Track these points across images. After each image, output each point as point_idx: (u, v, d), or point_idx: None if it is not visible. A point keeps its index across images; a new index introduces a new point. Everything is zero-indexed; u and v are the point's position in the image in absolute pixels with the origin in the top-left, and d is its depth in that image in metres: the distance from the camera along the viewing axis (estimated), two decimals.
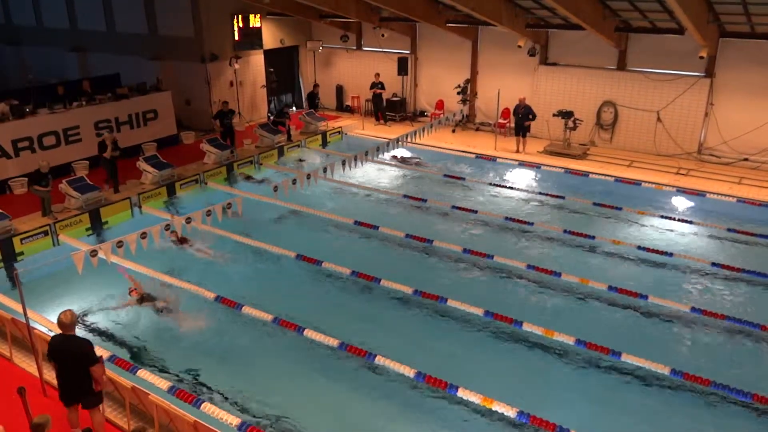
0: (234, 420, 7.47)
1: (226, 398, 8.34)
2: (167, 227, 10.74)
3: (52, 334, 9.03)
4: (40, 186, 13.07)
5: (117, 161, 14.70)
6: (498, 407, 7.74)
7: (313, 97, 21.41)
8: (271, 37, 21.99)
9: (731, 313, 10.26)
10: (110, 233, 13.26)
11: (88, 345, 6.96)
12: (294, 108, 23.74)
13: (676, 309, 10.36)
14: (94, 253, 9.73)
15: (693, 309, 10.24)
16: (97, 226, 13.68)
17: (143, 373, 8.40)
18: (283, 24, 22.31)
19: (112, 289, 11.04)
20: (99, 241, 12.57)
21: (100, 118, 16.77)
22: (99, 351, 8.80)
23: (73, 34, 23.32)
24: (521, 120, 17.84)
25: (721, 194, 14.75)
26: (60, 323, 6.95)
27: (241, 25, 20.51)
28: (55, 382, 8.22)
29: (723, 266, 11.69)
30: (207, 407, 7.70)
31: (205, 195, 15.41)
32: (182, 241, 12.62)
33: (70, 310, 7.05)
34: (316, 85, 21.68)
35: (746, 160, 16.67)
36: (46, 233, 12.68)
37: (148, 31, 20.80)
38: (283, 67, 22.98)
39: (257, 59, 21.65)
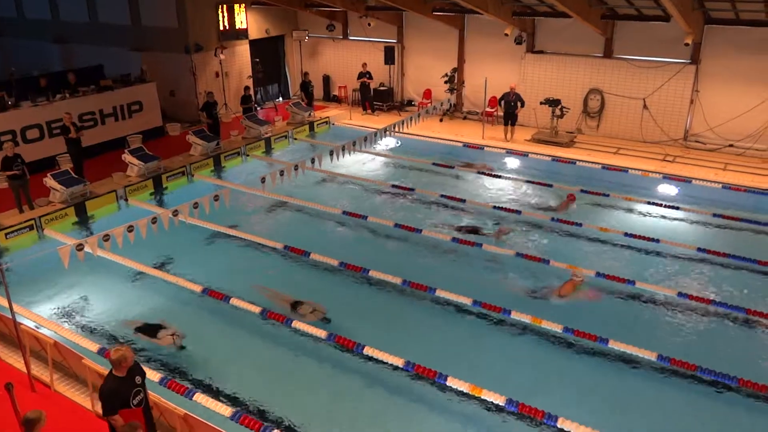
0: (226, 410, 7.48)
1: (219, 391, 8.33)
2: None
3: (40, 330, 9.03)
4: (11, 170, 12.74)
5: (81, 143, 14.75)
6: (487, 396, 7.78)
7: (306, 86, 21.27)
8: (256, 27, 21.81)
9: (717, 297, 10.38)
10: (96, 227, 13.16)
11: (99, 394, 6.29)
12: (281, 98, 23.62)
13: (663, 294, 10.46)
14: (80, 247, 9.66)
15: (680, 294, 10.33)
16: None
17: None
18: (269, 13, 22.13)
19: (98, 282, 10.97)
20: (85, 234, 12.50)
21: (84, 110, 16.62)
22: (89, 345, 8.83)
23: (55, 25, 23.00)
24: (512, 108, 17.86)
25: (707, 180, 14.88)
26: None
27: (227, 24, 20.39)
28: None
29: (709, 251, 11.79)
30: (199, 397, 7.69)
31: (192, 187, 15.33)
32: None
33: (119, 348, 6.25)
34: (306, 74, 21.55)
35: (731, 146, 16.81)
36: (31, 227, 12.57)
37: (131, 21, 20.56)
38: (269, 58, 22.81)
39: (243, 49, 21.49)
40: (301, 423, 7.75)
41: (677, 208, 13.90)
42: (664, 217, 13.74)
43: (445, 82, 20.04)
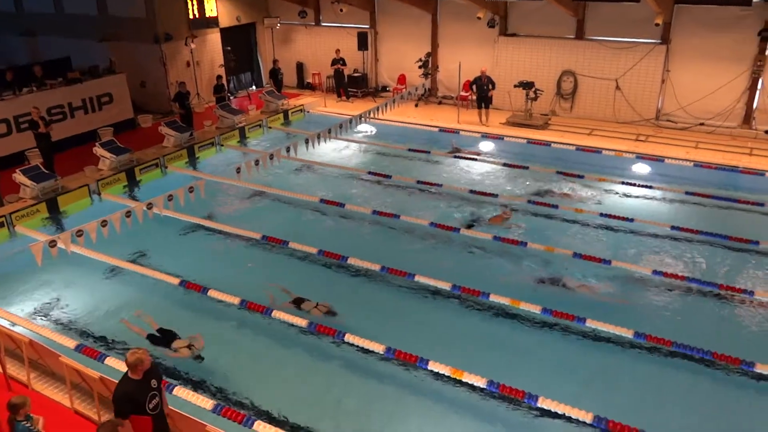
0: (208, 403, 7.45)
1: (200, 384, 8.29)
2: None
3: (13, 328, 8.89)
4: None
5: (50, 137, 14.43)
6: (468, 378, 7.85)
7: (276, 74, 21.09)
8: (227, 15, 21.50)
9: (691, 273, 10.58)
10: (69, 222, 12.95)
11: (113, 397, 6.12)
12: (254, 86, 23.39)
13: (638, 272, 10.63)
14: (53, 243, 9.52)
15: (654, 272, 10.51)
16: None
17: (111, 361, 8.27)
18: (239, 0, 21.82)
19: (73, 279, 10.83)
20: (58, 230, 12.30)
21: (52, 103, 16.26)
22: (66, 341, 8.71)
23: (19, 17, 22.41)
24: (485, 92, 17.89)
25: (679, 159, 15.09)
26: None
27: (196, 13, 20.10)
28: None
29: (682, 229, 11.99)
30: (179, 391, 7.64)
31: (166, 179, 15.15)
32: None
33: (135, 351, 6.00)
34: (275, 61, 21.35)
35: (702, 124, 17.06)
36: (1, 225, 12.31)
37: (97, 11, 20.14)
38: (241, 46, 22.54)
39: (214, 38, 21.18)
40: (291, 414, 7.74)
41: (650, 187, 14.10)
42: (638, 196, 13.92)
43: (420, 67, 20.00)
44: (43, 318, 9.81)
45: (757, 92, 16.30)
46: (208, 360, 8.64)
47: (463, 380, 7.90)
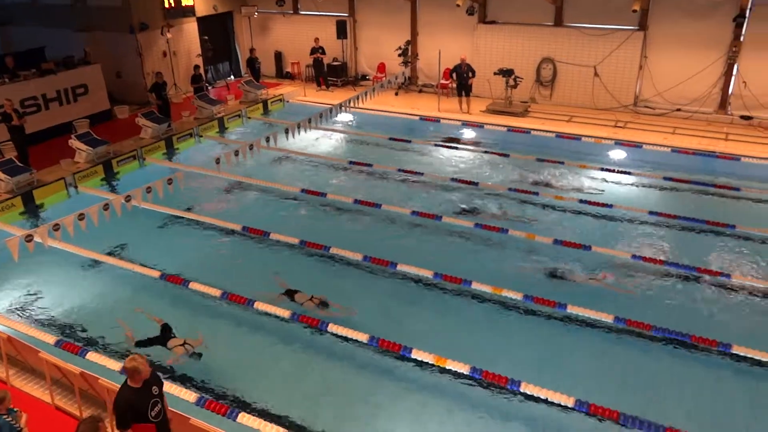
0: (191, 396, 7.41)
1: (185, 377, 8.24)
2: None
3: None
4: None
5: (24, 130, 14.18)
6: (451, 366, 7.89)
7: (253, 63, 20.87)
8: (203, 4, 21.21)
9: (669, 257, 10.73)
10: (46, 216, 12.75)
11: (113, 406, 5.97)
12: (232, 76, 23.15)
13: (618, 257, 10.74)
14: (29, 238, 9.38)
15: (633, 256, 10.63)
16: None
17: (93, 356, 8.19)
18: None
19: (51, 274, 10.69)
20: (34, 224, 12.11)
21: (26, 95, 15.96)
22: (45, 337, 8.60)
23: None
24: (465, 79, 17.89)
25: (657, 144, 15.25)
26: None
27: (172, 2, 19.80)
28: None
29: (660, 214, 12.14)
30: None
31: (144, 171, 14.97)
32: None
33: (133, 358, 5.76)
34: (252, 50, 21.12)
35: (679, 110, 17.24)
36: None
37: (72, 0, 19.74)
38: (218, 35, 22.26)
39: (190, 27, 20.90)
40: (288, 409, 7.72)
41: (629, 173, 14.23)
42: (617, 182, 14.04)
43: (399, 56, 19.92)
44: (21, 314, 9.67)
45: (733, 78, 16.51)
46: (204, 357, 8.58)
47: (451, 369, 7.95)
